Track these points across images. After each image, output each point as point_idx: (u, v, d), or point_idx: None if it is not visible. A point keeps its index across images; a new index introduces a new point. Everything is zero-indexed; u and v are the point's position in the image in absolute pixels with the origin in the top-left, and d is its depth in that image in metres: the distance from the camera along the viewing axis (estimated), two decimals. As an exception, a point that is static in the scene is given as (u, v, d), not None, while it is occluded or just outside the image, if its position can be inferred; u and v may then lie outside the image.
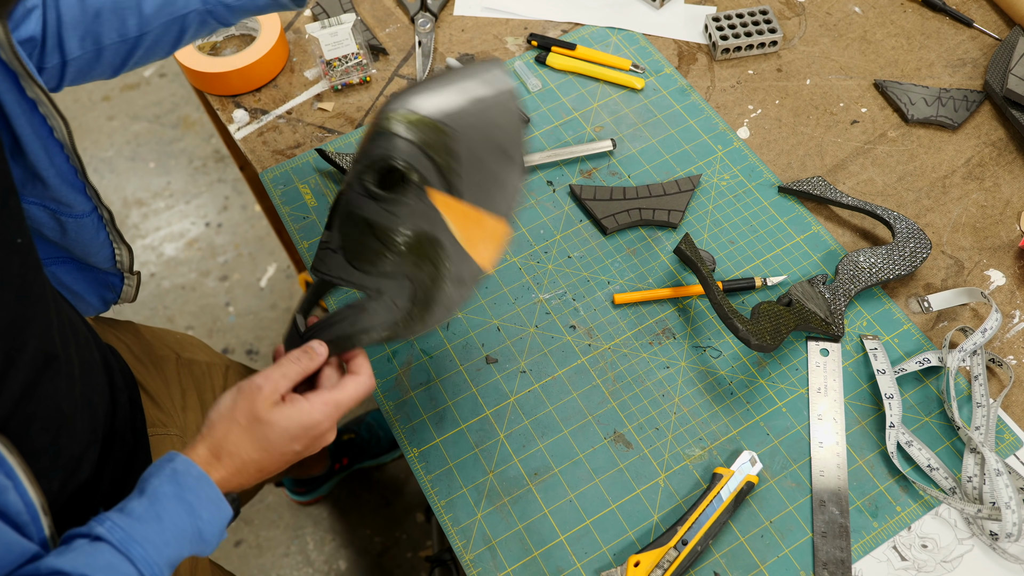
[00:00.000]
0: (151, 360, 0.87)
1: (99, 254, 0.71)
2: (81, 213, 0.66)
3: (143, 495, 0.53)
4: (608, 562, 0.69)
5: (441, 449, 0.75)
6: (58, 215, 0.65)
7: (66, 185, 0.63)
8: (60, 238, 0.68)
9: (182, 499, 0.54)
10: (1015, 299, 0.82)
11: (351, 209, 0.63)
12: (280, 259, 1.94)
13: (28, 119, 0.58)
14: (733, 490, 0.70)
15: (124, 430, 0.71)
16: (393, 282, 0.62)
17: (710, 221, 0.88)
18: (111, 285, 0.77)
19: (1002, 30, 1.02)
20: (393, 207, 0.62)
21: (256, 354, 1.81)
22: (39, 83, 0.57)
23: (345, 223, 0.64)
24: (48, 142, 0.60)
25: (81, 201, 0.66)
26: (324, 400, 0.59)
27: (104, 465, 0.66)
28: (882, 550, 0.69)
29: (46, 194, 0.63)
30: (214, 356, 1.05)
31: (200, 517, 0.54)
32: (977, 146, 0.92)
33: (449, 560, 1.11)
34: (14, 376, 0.51)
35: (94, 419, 0.64)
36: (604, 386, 0.78)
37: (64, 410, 0.58)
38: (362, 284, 0.63)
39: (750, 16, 1.01)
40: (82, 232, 0.68)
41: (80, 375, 0.62)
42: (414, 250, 0.63)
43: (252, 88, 1.00)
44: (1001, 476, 0.68)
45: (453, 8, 1.07)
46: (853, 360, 0.79)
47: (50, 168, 0.61)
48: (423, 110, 0.63)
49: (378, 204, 0.62)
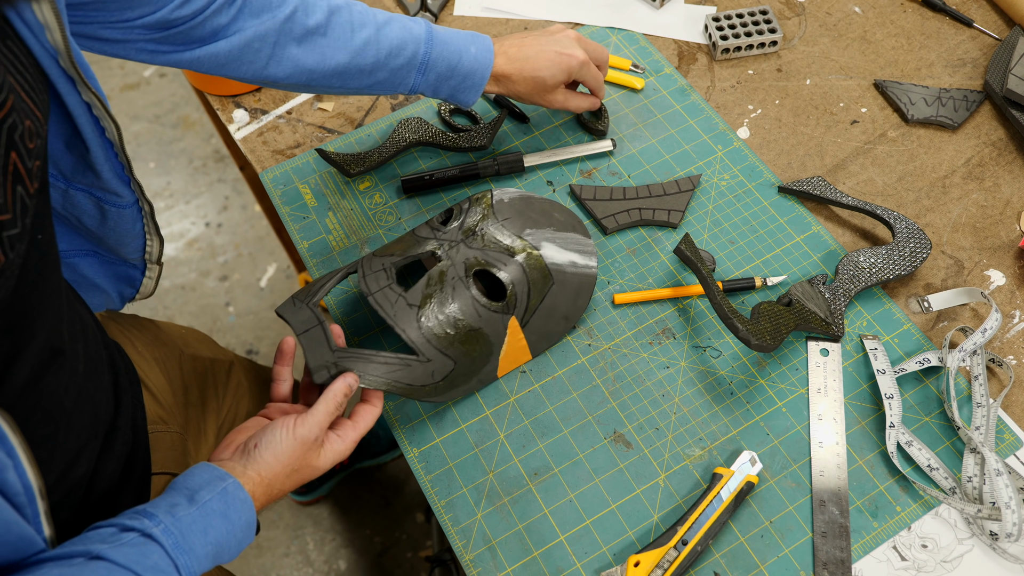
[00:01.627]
0: (154, 356, 0.88)
1: (131, 244, 0.74)
2: (125, 204, 0.69)
3: (193, 504, 0.56)
4: (608, 562, 0.69)
5: (441, 449, 0.75)
6: (103, 203, 0.68)
7: (116, 179, 0.67)
8: (98, 226, 0.70)
9: (227, 518, 0.57)
10: (1015, 299, 0.82)
11: (446, 281, 0.73)
12: (280, 259, 1.94)
13: (87, 119, 0.61)
14: (733, 490, 0.70)
15: (125, 428, 0.72)
16: (442, 357, 0.71)
17: (710, 221, 0.88)
18: (131, 280, 0.79)
19: (1002, 30, 1.02)
20: (481, 307, 0.73)
21: (256, 354, 1.81)
22: (92, 88, 0.60)
23: (433, 290, 0.72)
24: (102, 140, 0.63)
25: (127, 193, 0.69)
26: (353, 438, 0.66)
27: (102, 461, 0.66)
28: (882, 550, 0.69)
29: (97, 184, 0.66)
30: (218, 351, 1.05)
31: (234, 537, 0.57)
32: (977, 146, 0.92)
33: (449, 560, 1.11)
34: (20, 367, 0.52)
35: (95, 416, 0.65)
36: (604, 386, 0.78)
37: (66, 405, 0.58)
38: (416, 343, 0.71)
39: (750, 16, 1.01)
40: (121, 221, 0.70)
41: (85, 371, 0.62)
42: (472, 342, 0.73)
43: (252, 88, 1.00)
44: (1001, 476, 0.68)
45: (453, 8, 1.07)
46: (853, 360, 0.79)
47: (105, 163, 0.65)
48: (544, 254, 0.77)
49: (472, 295, 0.73)
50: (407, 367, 0.70)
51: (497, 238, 0.76)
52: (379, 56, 0.76)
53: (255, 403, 1.11)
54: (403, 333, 0.70)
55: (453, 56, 0.79)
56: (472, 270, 0.74)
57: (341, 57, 0.75)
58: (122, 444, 0.70)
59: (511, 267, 0.73)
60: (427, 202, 0.90)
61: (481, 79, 0.81)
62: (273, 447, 0.63)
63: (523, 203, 0.79)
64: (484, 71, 0.80)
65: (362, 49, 0.76)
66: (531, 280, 0.75)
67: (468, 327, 0.72)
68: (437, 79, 0.80)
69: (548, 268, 0.75)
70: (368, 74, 0.78)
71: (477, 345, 0.73)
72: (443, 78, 0.80)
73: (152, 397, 0.82)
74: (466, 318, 0.72)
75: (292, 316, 0.71)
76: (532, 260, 0.75)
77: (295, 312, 0.71)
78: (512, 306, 0.74)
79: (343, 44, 0.75)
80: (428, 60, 0.78)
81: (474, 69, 0.80)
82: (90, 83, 0.59)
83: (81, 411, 0.61)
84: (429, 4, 1.05)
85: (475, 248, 0.75)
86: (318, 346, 0.69)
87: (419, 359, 0.70)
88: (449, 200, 0.90)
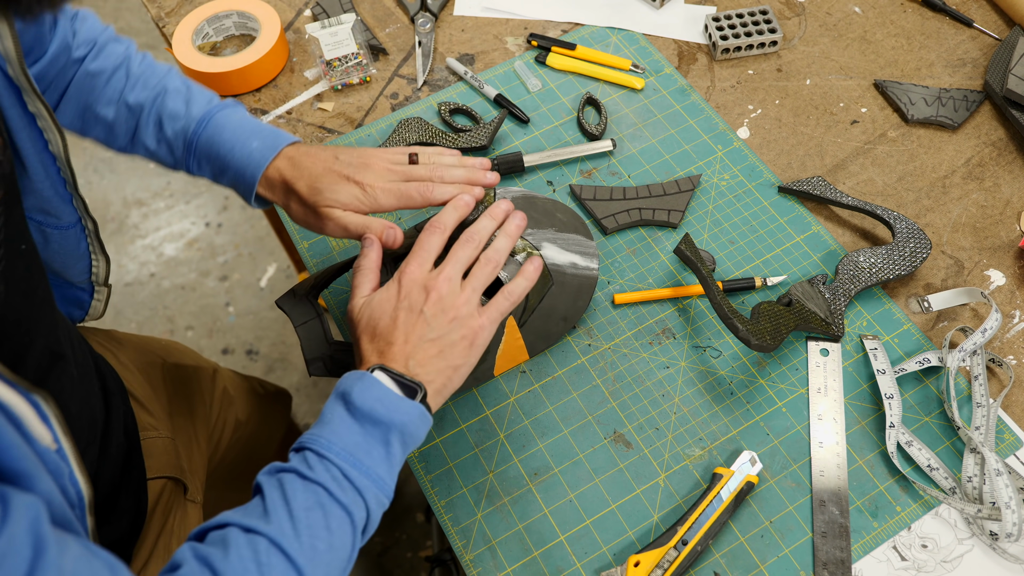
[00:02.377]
0: (137, 366, 0.87)
1: (76, 266, 0.72)
2: (67, 224, 0.67)
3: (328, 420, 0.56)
4: (608, 562, 0.69)
5: (441, 449, 0.75)
6: (43, 227, 0.66)
7: (56, 197, 0.64)
8: (42, 250, 0.68)
9: (376, 419, 0.56)
10: (1015, 299, 0.82)
11: None
12: (280, 259, 1.94)
13: (28, 132, 0.59)
14: (733, 490, 0.70)
15: (118, 432, 0.72)
16: None
17: (710, 221, 0.88)
18: (79, 302, 0.77)
19: (1002, 30, 1.02)
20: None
21: (256, 354, 1.81)
22: (41, 98, 0.58)
23: None
24: (44, 155, 0.61)
25: (68, 212, 0.66)
26: (488, 306, 0.64)
27: (101, 465, 0.66)
28: (882, 550, 0.69)
29: (36, 206, 0.64)
30: (200, 360, 1.05)
31: (393, 412, 0.56)
32: (977, 146, 0.92)
33: (449, 560, 1.11)
34: (23, 373, 0.51)
35: (92, 420, 0.65)
36: (604, 386, 0.78)
37: (71, 409, 0.58)
38: None
39: (750, 16, 1.01)
40: (65, 243, 0.68)
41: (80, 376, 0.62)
42: None
43: (252, 88, 1.00)
44: (1001, 476, 0.68)
45: (453, 8, 1.07)
46: (853, 360, 0.79)
47: (44, 180, 0.62)
48: (545, 255, 0.75)
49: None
50: None
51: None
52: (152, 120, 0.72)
53: (243, 411, 1.11)
54: None
55: (225, 145, 0.70)
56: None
57: (107, 111, 0.72)
58: (116, 448, 0.70)
59: (510, 267, 0.74)
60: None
61: (252, 177, 0.70)
62: (375, 295, 0.61)
63: (525, 203, 0.79)
64: (255, 169, 0.69)
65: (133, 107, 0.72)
66: None
67: None
68: (211, 166, 0.72)
69: (548, 269, 0.75)
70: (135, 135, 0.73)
71: None
72: (216, 168, 0.72)
73: (139, 405, 0.82)
74: None
75: (291, 308, 0.71)
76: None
77: (294, 304, 0.71)
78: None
79: (111, 96, 0.72)
80: (196, 141, 0.71)
81: (244, 165, 0.70)
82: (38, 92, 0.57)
83: (81, 415, 0.61)
84: (429, 4, 1.05)
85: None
86: (315, 338, 0.69)
87: None
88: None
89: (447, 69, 1.01)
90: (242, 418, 1.10)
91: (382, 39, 1.05)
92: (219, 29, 1.03)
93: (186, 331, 1.86)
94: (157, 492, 0.78)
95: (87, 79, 0.72)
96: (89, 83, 0.72)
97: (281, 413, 1.32)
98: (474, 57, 1.02)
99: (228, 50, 1.03)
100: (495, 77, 1.00)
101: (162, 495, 0.79)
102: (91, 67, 0.72)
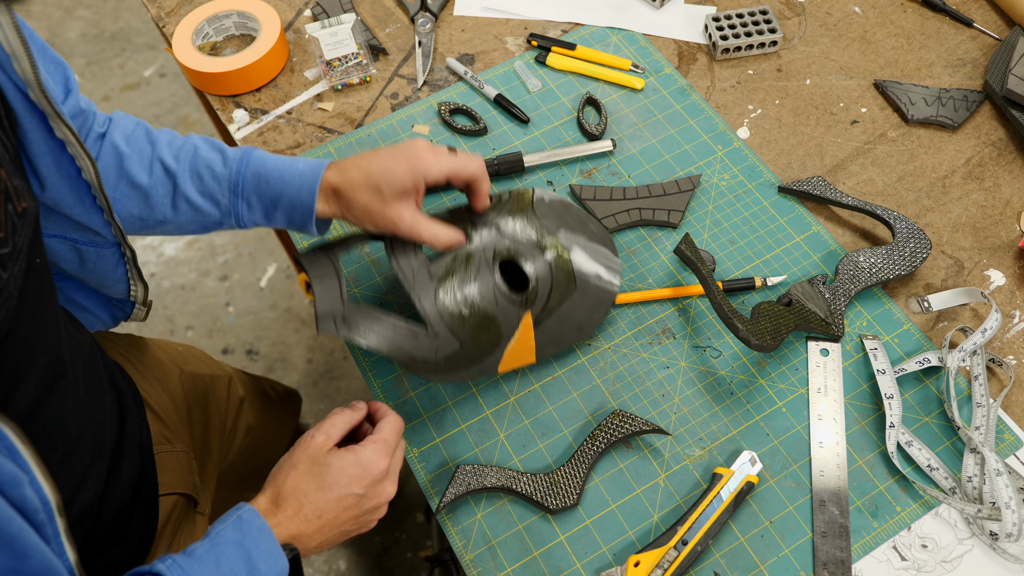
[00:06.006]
0: (155, 376, 0.87)
1: (114, 287, 0.71)
2: (105, 243, 0.67)
3: (207, 538, 0.55)
4: (608, 562, 0.69)
5: (441, 449, 0.75)
6: (79, 244, 0.65)
7: (94, 221, 0.64)
8: (78, 269, 0.67)
9: (242, 546, 0.55)
10: (1015, 299, 0.82)
11: (472, 262, 0.72)
12: (280, 259, 1.94)
13: (55, 158, 0.58)
14: (733, 490, 0.70)
15: (132, 447, 0.71)
16: (450, 336, 0.70)
17: (710, 221, 0.88)
18: (123, 306, 0.76)
19: (1002, 30, 1.02)
20: (501, 294, 0.72)
21: (256, 354, 1.81)
22: (68, 124, 0.57)
23: (457, 268, 0.72)
24: (76, 182, 0.61)
25: (106, 232, 0.66)
26: (372, 439, 0.64)
27: (111, 483, 0.66)
28: (882, 550, 0.69)
29: (68, 224, 0.64)
30: (216, 368, 1.05)
31: (257, 568, 0.55)
32: (977, 146, 0.92)
33: (449, 560, 1.11)
34: (23, 392, 0.51)
35: (98, 437, 0.64)
36: (604, 386, 0.78)
37: (71, 429, 0.58)
38: (428, 315, 0.70)
39: (750, 16, 1.01)
40: (101, 262, 0.67)
41: (85, 395, 0.62)
42: (483, 328, 0.71)
43: (252, 88, 1.00)
44: (1001, 476, 0.68)
45: (453, 8, 1.07)
46: (853, 360, 0.79)
47: (77, 206, 0.62)
48: (574, 259, 0.76)
49: (494, 281, 0.72)
50: (413, 337, 0.69)
51: (531, 233, 0.75)
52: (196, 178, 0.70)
53: (254, 416, 1.11)
54: (418, 301, 0.69)
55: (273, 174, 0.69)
56: (500, 258, 0.73)
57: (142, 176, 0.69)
58: (129, 464, 0.70)
59: (539, 263, 0.73)
60: (427, 202, 0.90)
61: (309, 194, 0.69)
62: (279, 464, 0.62)
63: (562, 207, 0.79)
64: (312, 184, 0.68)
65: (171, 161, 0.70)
66: (555, 280, 0.74)
67: (483, 312, 0.71)
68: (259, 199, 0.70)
69: (574, 273, 0.75)
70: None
71: (487, 332, 0.72)
72: (268, 200, 0.70)
73: (156, 417, 0.81)
74: (483, 302, 0.71)
75: (311, 262, 0.70)
76: (561, 262, 0.75)
77: (315, 259, 0.71)
78: (531, 300, 0.73)
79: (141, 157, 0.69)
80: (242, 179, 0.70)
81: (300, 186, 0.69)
82: (64, 118, 0.56)
83: (84, 434, 0.61)
84: (429, 4, 1.05)
85: (507, 237, 0.74)
86: (331, 295, 0.68)
87: (427, 332, 0.70)
88: (449, 200, 0.90)
89: (447, 69, 1.01)
90: (252, 423, 1.10)
91: (382, 39, 1.05)
92: (219, 29, 1.03)
93: (186, 331, 1.86)
94: (169, 509, 0.77)
95: (112, 151, 0.69)
96: (115, 154, 0.69)
97: (291, 417, 1.32)
98: (474, 57, 1.02)
99: (228, 50, 1.03)
100: (495, 77, 1.00)
101: (173, 511, 0.78)
102: (115, 138, 0.69)
